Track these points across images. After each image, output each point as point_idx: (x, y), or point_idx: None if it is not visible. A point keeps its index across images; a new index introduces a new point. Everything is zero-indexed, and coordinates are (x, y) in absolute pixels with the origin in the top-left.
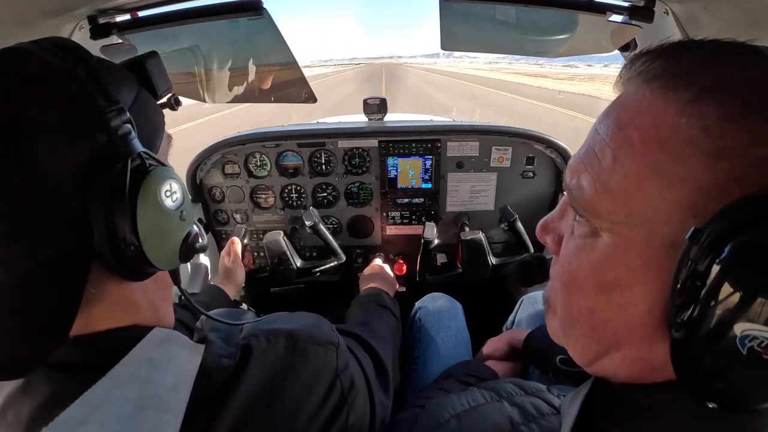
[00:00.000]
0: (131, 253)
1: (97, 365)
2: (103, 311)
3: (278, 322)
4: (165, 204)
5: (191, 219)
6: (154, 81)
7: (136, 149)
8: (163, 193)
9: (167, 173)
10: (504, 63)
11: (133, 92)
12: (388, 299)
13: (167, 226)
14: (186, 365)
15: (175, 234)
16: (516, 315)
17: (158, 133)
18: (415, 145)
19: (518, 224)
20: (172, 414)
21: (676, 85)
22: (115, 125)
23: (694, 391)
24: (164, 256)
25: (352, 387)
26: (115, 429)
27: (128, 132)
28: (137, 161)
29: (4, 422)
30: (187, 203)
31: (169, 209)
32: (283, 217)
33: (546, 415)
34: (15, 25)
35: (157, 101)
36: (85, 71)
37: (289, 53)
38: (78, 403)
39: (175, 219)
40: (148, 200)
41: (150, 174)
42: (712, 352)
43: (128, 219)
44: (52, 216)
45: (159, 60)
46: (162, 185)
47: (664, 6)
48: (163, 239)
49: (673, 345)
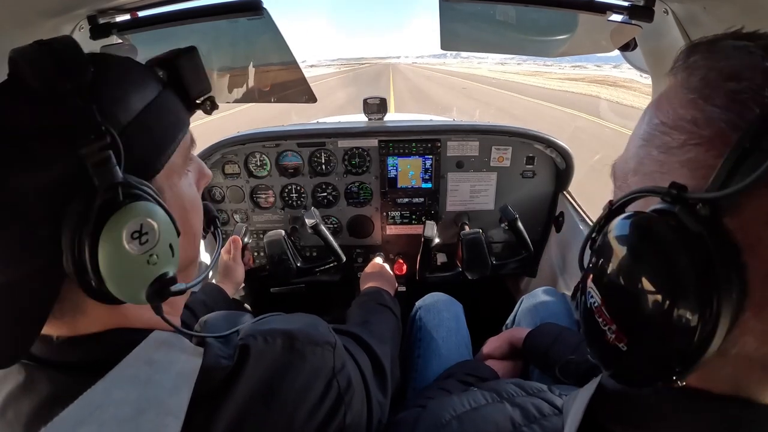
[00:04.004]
0: (95, 284)
1: (97, 365)
2: (98, 315)
3: (275, 323)
4: (128, 247)
5: (166, 261)
6: (186, 81)
7: (114, 179)
8: (131, 234)
9: (144, 210)
10: (537, 66)
11: (145, 100)
12: (388, 298)
13: (128, 268)
14: (186, 368)
15: (138, 277)
16: (516, 314)
17: (167, 145)
18: (415, 145)
19: (518, 224)
20: (173, 417)
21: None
22: (90, 152)
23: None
24: (127, 295)
25: (349, 387)
26: (115, 429)
27: (106, 159)
28: (109, 194)
29: (4, 421)
30: (160, 246)
31: (132, 253)
32: (283, 217)
33: (548, 416)
34: (14, 25)
35: (190, 103)
36: (71, 85)
37: (289, 53)
38: (77, 403)
39: (140, 262)
40: (111, 239)
41: (120, 211)
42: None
43: (89, 253)
44: (25, 237)
45: (195, 56)
46: (129, 225)
47: (664, 6)
48: (124, 279)
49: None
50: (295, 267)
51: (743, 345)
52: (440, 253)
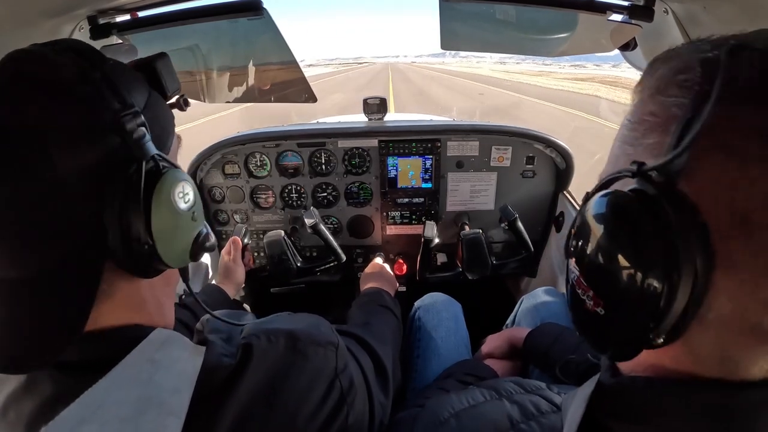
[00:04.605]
0: (145, 252)
1: (98, 365)
2: (111, 308)
3: (279, 322)
4: (178, 205)
5: (201, 219)
6: (164, 82)
7: (150, 152)
8: (177, 194)
9: (180, 175)
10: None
11: (145, 94)
12: (388, 299)
13: (180, 226)
14: (188, 367)
15: (186, 233)
16: (516, 314)
17: (169, 134)
18: (415, 145)
19: (518, 224)
20: (174, 416)
21: None
22: (130, 128)
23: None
24: (176, 255)
25: (351, 387)
26: (116, 429)
27: (143, 135)
28: (151, 164)
29: (6, 421)
30: (198, 204)
31: (182, 210)
32: (283, 217)
33: (546, 413)
34: (15, 25)
35: (167, 102)
36: (99, 74)
37: (289, 53)
38: (78, 402)
39: (187, 219)
40: (161, 202)
41: (164, 176)
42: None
43: (143, 220)
44: (64, 216)
45: (168, 61)
46: (175, 187)
47: (664, 5)
48: (176, 239)
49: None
50: (295, 267)
51: (718, 308)
52: (440, 253)
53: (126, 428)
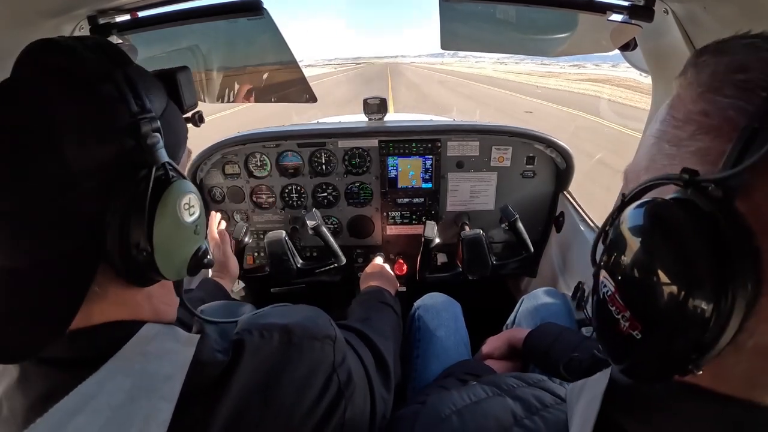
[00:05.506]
0: (142, 259)
1: (91, 361)
2: (104, 308)
3: (274, 316)
4: (183, 217)
5: (204, 235)
6: (183, 94)
7: (162, 159)
8: (183, 205)
9: (188, 187)
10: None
11: (164, 102)
12: (389, 297)
13: (181, 237)
14: (179, 356)
15: (187, 247)
16: (516, 315)
17: (181, 146)
18: (415, 145)
19: (518, 224)
20: (166, 401)
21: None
22: (145, 132)
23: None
24: (173, 267)
25: (350, 381)
26: (108, 416)
27: (156, 141)
28: (161, 171)
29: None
30: (202, 219)
31: (186, 222)
32: (284, 217)
33: (549, 406)
34: (15, 25)
35: (183, 115)
36: (122, 75)
37: (289, 53)
38: (72, 395)
39: (189, 232)
40: (166, 211)
41: (172, 185)
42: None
43: (145, 226)
44: (69, 211)
45: (189, 74)
46: (182, 198)
47: (664, 5)
48: (175, 250)
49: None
50: (296, 267)
51: (760, 335)
52: (440, 253)
53: (118, 415)
